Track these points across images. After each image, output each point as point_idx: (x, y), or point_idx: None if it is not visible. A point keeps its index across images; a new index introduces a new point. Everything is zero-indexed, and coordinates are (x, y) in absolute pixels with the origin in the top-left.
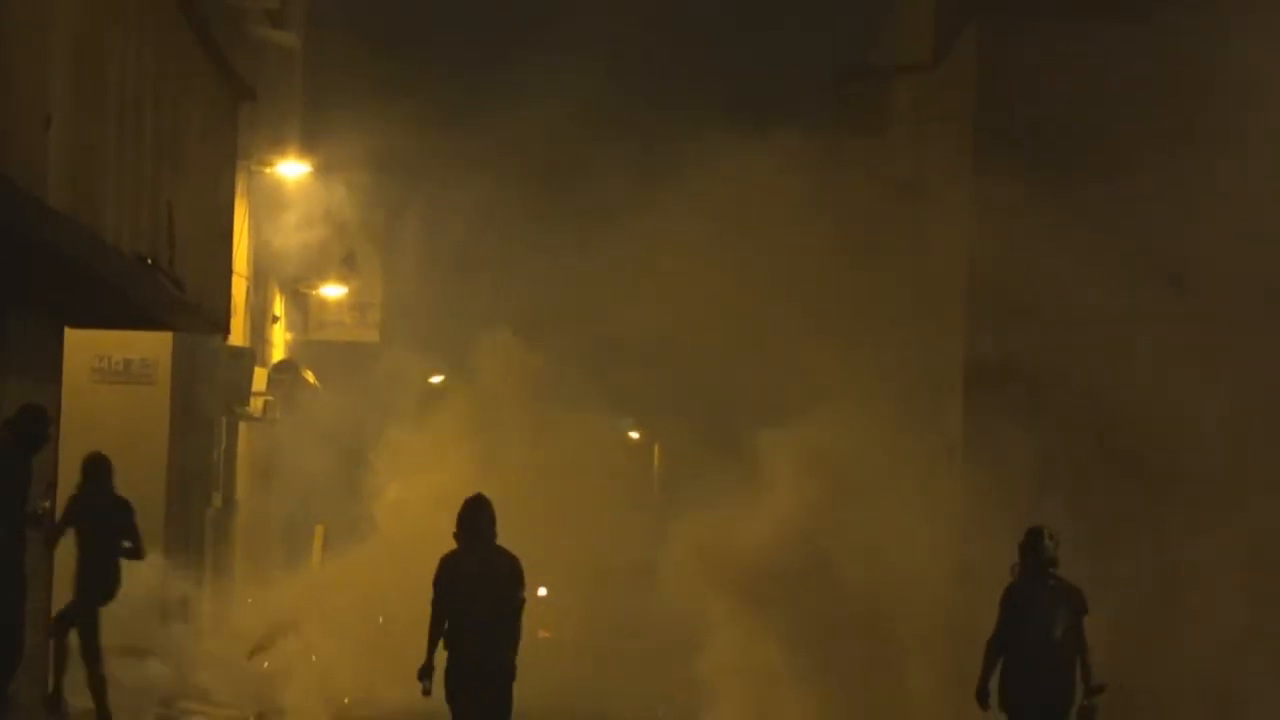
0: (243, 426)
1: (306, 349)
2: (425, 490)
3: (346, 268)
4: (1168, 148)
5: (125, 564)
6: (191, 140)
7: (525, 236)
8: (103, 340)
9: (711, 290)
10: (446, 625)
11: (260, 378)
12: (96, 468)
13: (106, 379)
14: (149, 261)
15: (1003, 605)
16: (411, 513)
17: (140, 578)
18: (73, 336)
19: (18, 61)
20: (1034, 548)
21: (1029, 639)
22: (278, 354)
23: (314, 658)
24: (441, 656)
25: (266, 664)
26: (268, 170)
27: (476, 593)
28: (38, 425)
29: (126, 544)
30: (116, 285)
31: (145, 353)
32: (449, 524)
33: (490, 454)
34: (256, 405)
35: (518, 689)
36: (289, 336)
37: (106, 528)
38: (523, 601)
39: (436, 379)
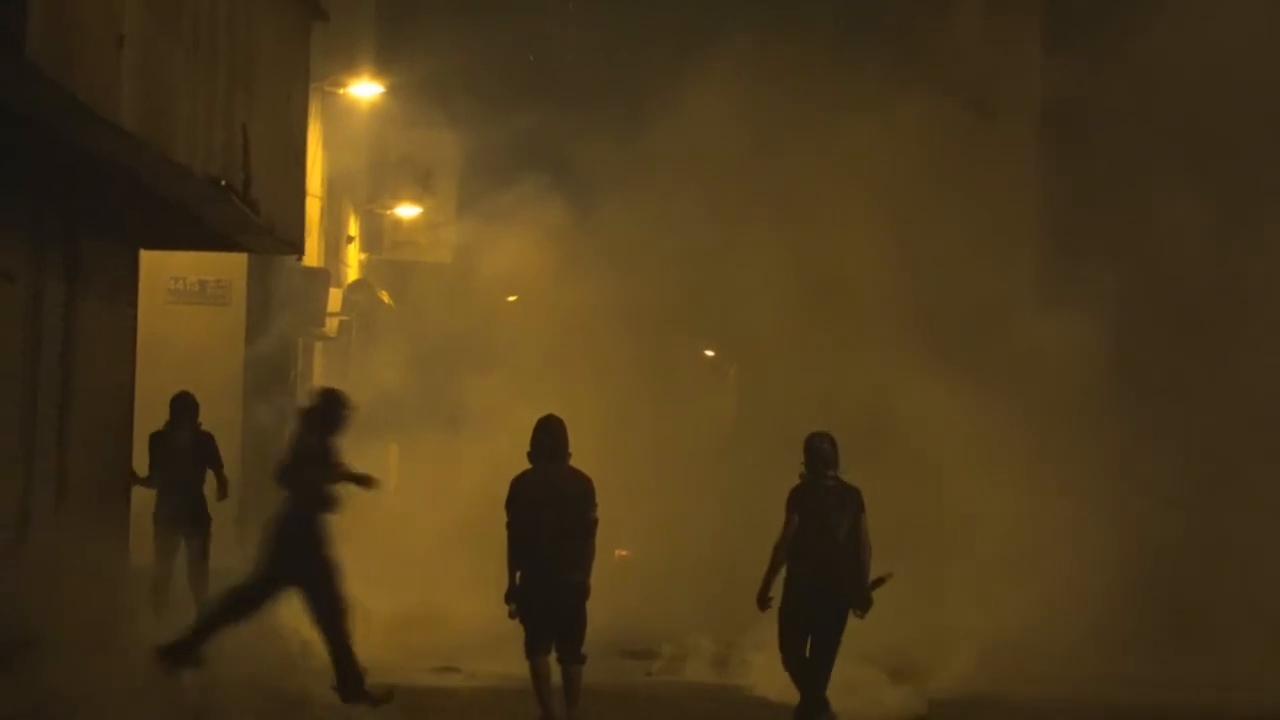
0: (318, 346)
1: (381, 269)
2: (503, 411)
3: (421, 187)
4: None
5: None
6: (264, 61)
7: (607, 160)
8: (178, 261)
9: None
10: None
11: (335, 298)
12: (181, 406)
13: (182, 300)
14: (223, 184)
15: (788, 508)
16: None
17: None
18: (148, 258)
19: None
20: (813, 450)
21: (813, 540)
22: (352, 274)
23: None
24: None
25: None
26: (340, 92)
27: (549, 513)
28: (336, 408)
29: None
30: (190, 207)
31: (220, 274)
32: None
33: (569, 376)
34: (332, 325)
35: (592, 608)
36: (363, 257)
37: (188, 465)
38: (595, 521)
39: (512, 298)
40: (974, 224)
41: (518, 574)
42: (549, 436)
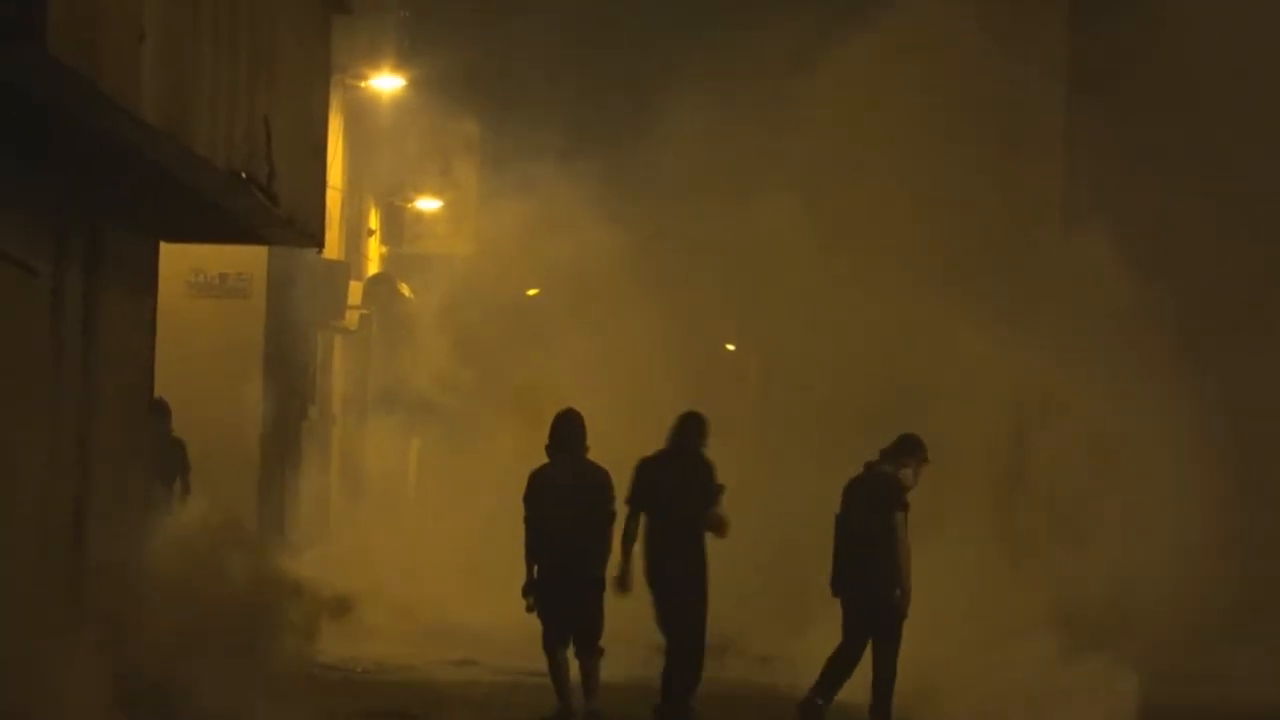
0: (338, 339)
1: (401, 262)
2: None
3: (442, 181)
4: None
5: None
6: (286, 54)
7: (626, 147)
8: (198, 254)
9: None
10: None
11: (355, 291)
12: (155, 410)
13: (202, 293)
14: (244, 176)
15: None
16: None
17: (236, 493)
18: (168, 250)
19: None
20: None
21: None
22: (373, 267)
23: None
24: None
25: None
26: (362, 84)
27: (567, 505)
28: (566, 425)
29: (177, 484)
30: (211, 200)
31: (240, 266)
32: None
33: (594, 362)
34: (352, 318)
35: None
36: (384, 250)
37: (161, 470)
38: (613, 514)
39: (533, 292)
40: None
41: (535, 567)
42: (568, 429)
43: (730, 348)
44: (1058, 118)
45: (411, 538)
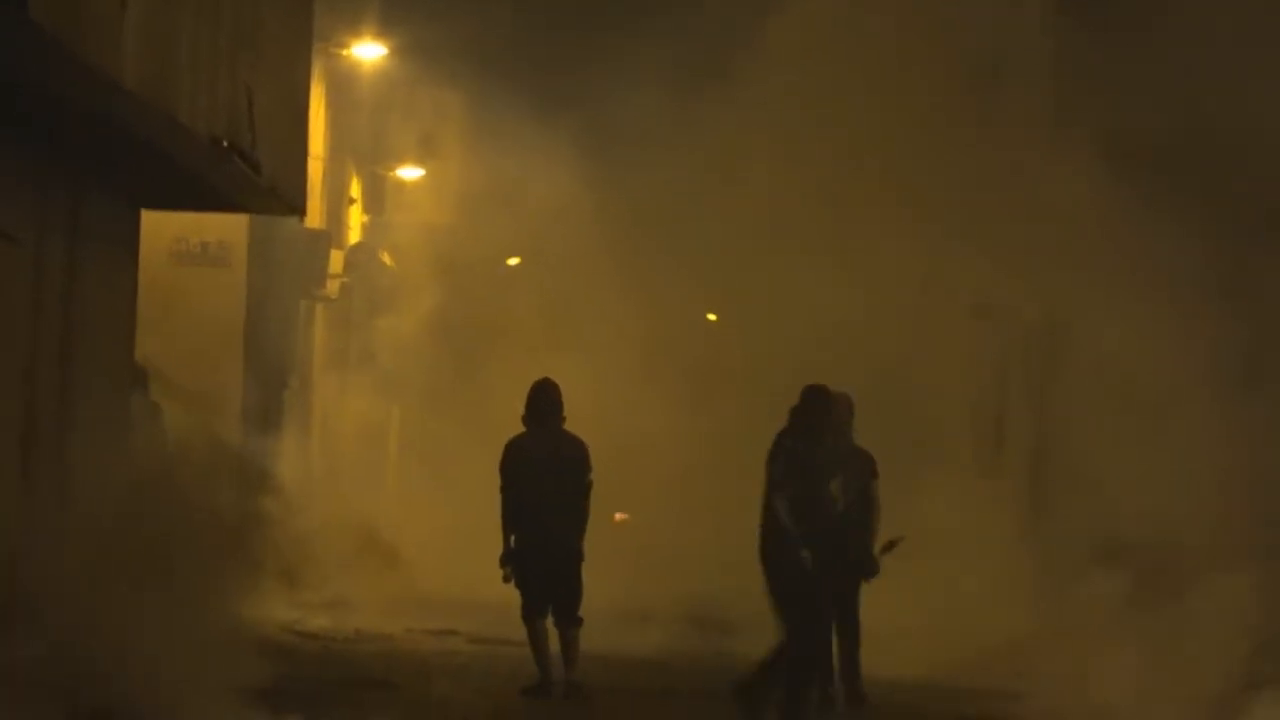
0: (319, 308)
1: (383, 230)
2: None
3: (423, 150)
4: None
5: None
6: (268, 22)
7: (606, 116)
8: (179, 222)
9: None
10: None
11: (337, 260)
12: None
13: (184, 261)
14: (226, 145)
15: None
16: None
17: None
18: (149, 218)
19: None
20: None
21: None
22: (354, 236)
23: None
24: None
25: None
26: (344, 53)
27: (544, 476)
28: (543, 396)
29: None
30: (193, 168)
31: (222, 235)
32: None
33: (570, 335)
34: (333, 288)
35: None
36: (365, 219)
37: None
38: (590, 484)
39: (514, 261)
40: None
41: (512, 537)
42: (544, 400)
43: (711, 317)
44: (1046, 41)
45: (392, 505)
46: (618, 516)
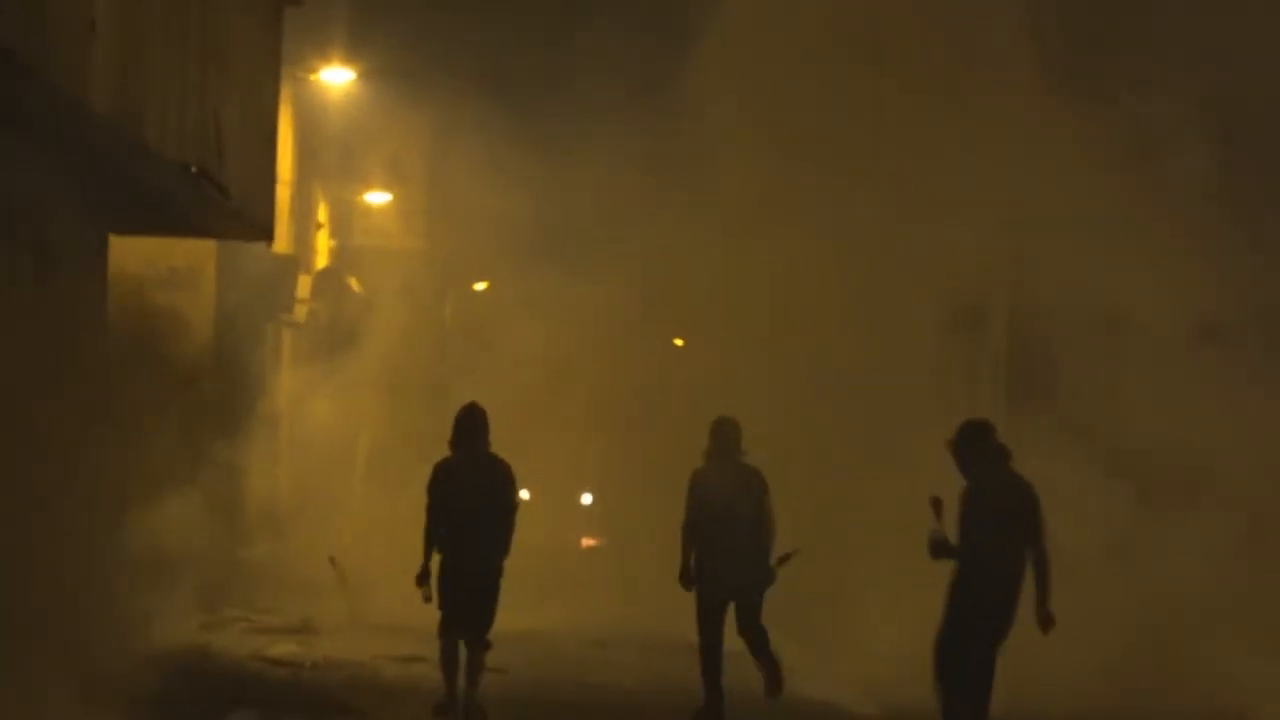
0: (287, 333)
1: (350, 256)
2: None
3: (391, 174)
4: None
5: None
6: (236, 46)
7: (572, 141)
8: (148, 247)
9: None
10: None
11: (305, 285)
12: None
13: (152, 286)
14: (194, 170)
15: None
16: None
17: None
18: (117, 244)
19: None
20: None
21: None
22: (322, 261)
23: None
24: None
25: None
26: (312, 77)
27: (470, 498)
28: (469, 420)
29: None
30: (162, 193)
31: (190, 259)
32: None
33: (536, 360)
34: (301, 312)
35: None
36: (333, 243)
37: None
38: (515, 506)
39: (481, 285)
40: None
41: (432, 558)
42: (470, 424)
43: (678, 343)
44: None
45: (358, 533)
46: (586, 541)
